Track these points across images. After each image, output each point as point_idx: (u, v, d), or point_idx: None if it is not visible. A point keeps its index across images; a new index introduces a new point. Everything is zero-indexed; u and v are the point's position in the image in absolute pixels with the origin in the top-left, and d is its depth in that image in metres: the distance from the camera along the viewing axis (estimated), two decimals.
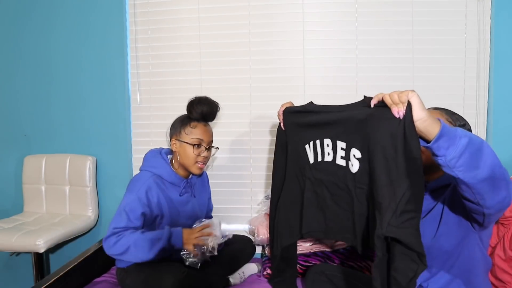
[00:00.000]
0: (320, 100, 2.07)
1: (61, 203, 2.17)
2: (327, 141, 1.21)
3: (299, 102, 2.08)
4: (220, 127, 2.16)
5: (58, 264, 2.11)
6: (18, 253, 2.27)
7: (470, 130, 1.25)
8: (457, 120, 1.26)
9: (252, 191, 2.15)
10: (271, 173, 1.53)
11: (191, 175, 1.66)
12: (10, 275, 2.36)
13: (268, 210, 1.91)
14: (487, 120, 1.99)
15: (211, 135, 1.59)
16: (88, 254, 1.72)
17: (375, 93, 1.11)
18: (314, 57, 2.07)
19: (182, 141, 1.54)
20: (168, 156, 1.62)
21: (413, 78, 2.01)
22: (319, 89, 2.09)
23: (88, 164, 2.14)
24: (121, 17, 2.15)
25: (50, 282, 1.45)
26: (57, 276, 1.49)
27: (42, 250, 1.82)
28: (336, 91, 2.08)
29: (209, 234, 1.49)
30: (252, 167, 2.15)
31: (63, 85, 2.22)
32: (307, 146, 1.30)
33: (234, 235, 1.81)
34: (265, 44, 2.09)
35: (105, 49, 2.16)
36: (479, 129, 2.00)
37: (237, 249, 1.74)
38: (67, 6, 2.17)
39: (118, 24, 2.15)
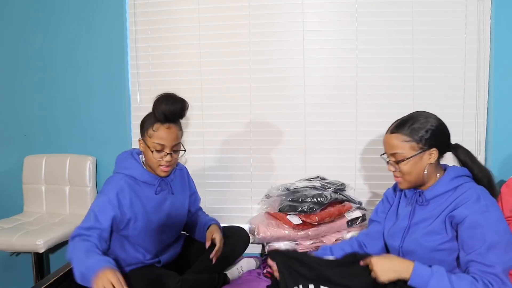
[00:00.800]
0: (320, 100, 2.09)
1: (61, 203, 2.17)
2: (311, 286, 1.25)
3: (299, 102, 2.11)
4: (220, 127, 2.16)
5: (58, 264, 2.11)
6: (18, 253, 2.27)
7: (436, 128, 1.20)
8: (414, 133, 1.19)
9: (252, 191, 2.15)
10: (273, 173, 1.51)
11: None
12: (10, 275, 2.36)
13: (268, 208, 1.91)
14: (487, 120, 1.99)
15: (175, 138, 1.44)
16: None
17: (375, 93, 1.12)
18: (314, 57, 2.07)
19: (145, 143, 1.44)
20: (140, 156, 1.54)
21: (413, 78, 2.01)
22: (319, 89, 2.09)
23: (88, 164, 2.14)
24: (121, 17, 2.15)
25: (50, 282, 1.45)
26: (57, 276, 1.49)
27: (42, 250, 1.82)
28: (336, 91, 2.08)
29: None
30: (252, 167, 2.15)
31: (63, 85, 2.22)
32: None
33: (228, 228, 1.74)
34: (265, 44, 2.09)
35: (105, 49, 2.16)
36: (479, 129, 2.00)
37: (232, 242, 1.66)
38: (68, 7, 2.18)
39: (118, 24, 2.15)
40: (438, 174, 1.23)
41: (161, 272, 1.48)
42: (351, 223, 1.82)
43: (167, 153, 1.42)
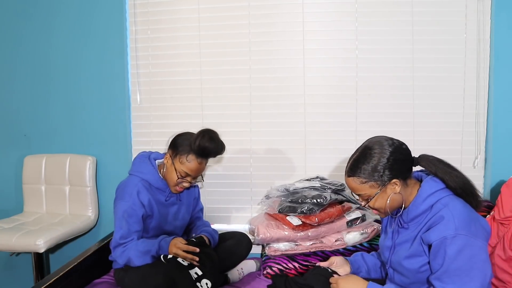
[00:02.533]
0: (320, 100, 2.09)
1: (61, 203, 2.17)
2: None
3: (299, 102, 2.10)
4: (220, 127, 2.15)
5: (58, 264, 2.11)
6: (18, 253, 2.27)
7: (389, 159, 1.13)
8: (369, 172, 1.14)
9: (252, 191, 2.15)
10: (274, 171, 1.53)
11: None
12: (10, 275, 2.36)
13: (268, 209, 1.91)
14: (487, 120, 1.99)
15: (201, 171, 1.57)
16: (88, 254, 1.71)
17: (375, 93, 1.12)
18: (314, 57, 2.07)
19: (173, 164, 1.54)
20: (157, 161, 1.64)
21: (413, 78, 2.01)
22: (319, 89, 2.09)
23: (88, 164, 2.14)
24: (121, 17, 2.14)
25: (50, 282, 1.45)
26: (57, 276, 1.49)
27: (42, 250, 1.83)
28: (336, 91, 2.08)
29: (192, 259, 1.48)
30: (252, 167, 2.15)
31: (63, 85, 2.22)
32: None
33: (232, 232, 1.87)
34: (265, 44, 2.09)
35: (105, 49, 2.16)
36: (479, 129, 2.00)
37: (233, 244, 1.74)
38: (67, 7, 2.17)
39: (118, 24, 2.15)
40: (414, 190, 1.19)
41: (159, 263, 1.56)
42: (350, 223, 1.82)
43: (189, 182, 1.56)
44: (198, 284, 1.46)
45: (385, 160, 1.14)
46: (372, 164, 1.14)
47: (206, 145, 1.48)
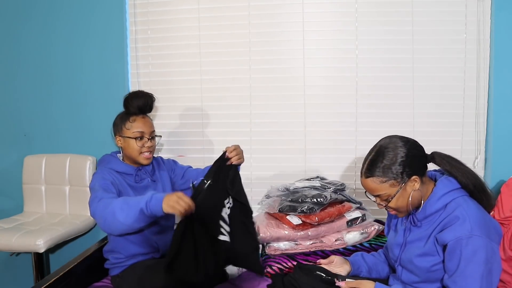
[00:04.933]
0: (320, 100, 2.09)
1: (61, 203, 2.17)
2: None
3: (299, 102, 2.10)
4: (220, 127, 2.16)
5: (58, 264, 2.11)
6: (18, 253, 2.26)
7: (407, 155, 1.13)
8: (387, 170, 1.13)
9: (252, 191, 2.15)
10: (274, 171, 1.53)
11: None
12: (10, 275, 2.36)
13: (268, 208, 1.91)
14: (487, 120, 1.99)
15: (151, 125, 1.65)
16: (88, 254, 1.71)
17: (375, 93, 1.12)
18: (314, 57, 2.07)
19: (125, 136, 1.60)
20: (118, 155, 1.68)
21: (413, 78, 2.01)
22: (319, 89, 2.09)
23: (88, 164, 2.14)
24: (121, 17, 2.15)
25: (50, 282, 1.44)
26: (57, 276, 1.49)
27: (42, 250, 1.82)
28: (336, 91, 2.08)
29: (188, 205, 1.25)
30: (252, 167, 2.15)
31: (63, 85, 2.22)
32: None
33: None
34: (265, 44, 2.09)
35: (105, 49, 2.16)
36: (479, 129, 2.00)
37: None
38: (67, 6, 2.17)
39: (118, 24, 2.15)
40: (429, 189, 1.19)
41: (158, 260, 1.55)
42: (350, 223, 1.82)
43: (148, 139, 1.61)
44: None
45: (404, 157, 1.13)
46: (391, 162, 1.13)
47: (139, 101, 1.59)
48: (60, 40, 2.20)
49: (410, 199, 1.15)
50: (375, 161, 1.15)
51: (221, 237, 1.45)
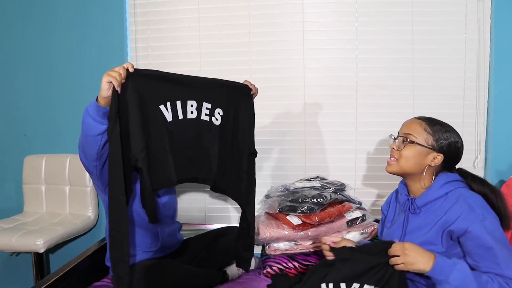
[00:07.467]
0: (320, 100, 2.09)
1: (61, 203, 2.17)
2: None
3: (299, 102, 2.10)
4: None
5: (58, 264, 2.11)
6: (18, 253, 2.26)
7: (455, 143, 1.22)
8: (437, 132, 1.21)
9: None
10: (274, 171, 1.52)
11: None
12: (10, 275, 2.36)
13: (268, 209, 1.91)
14: (487, 120, 1.99)
15: None
16: (88, 254, 1.71)
17: (375, 93, 1.13)
18: (314, 57, 2.07)
19: None
20: None
21: (413, 78, 2.01)
22: (319, 89, 2.09)
23: None
24: (121, 17, 2.14)
25: (50, 282, 1.44)
26: (57, 276, 1.49)
27: (42, 250, 1.82)
28: (336, 91, 2.08)
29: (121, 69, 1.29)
30: None
31: (63, 85, 2.22)
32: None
33: (228, 227, 1.88)
34: (265, 44, 2.09)
35: (105, 49, 2.16)
36: (479, 129, 2.00)
37: (230, 239, 1.72)
38: (67, 6, 2.17)
39: (118, 24, 2.15)
40: (430, 183, 1.24)
41: (159, 261, 1.55)
42: (351, 223, 1.82)
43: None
44: None
45: (453, 139, 1.21)
46: (444, 131, 1.21)
47: None
48: (60, 40, 2.20)
49: (417, 161, 1.21)
50: (437, 121, 1.24)
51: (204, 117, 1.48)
